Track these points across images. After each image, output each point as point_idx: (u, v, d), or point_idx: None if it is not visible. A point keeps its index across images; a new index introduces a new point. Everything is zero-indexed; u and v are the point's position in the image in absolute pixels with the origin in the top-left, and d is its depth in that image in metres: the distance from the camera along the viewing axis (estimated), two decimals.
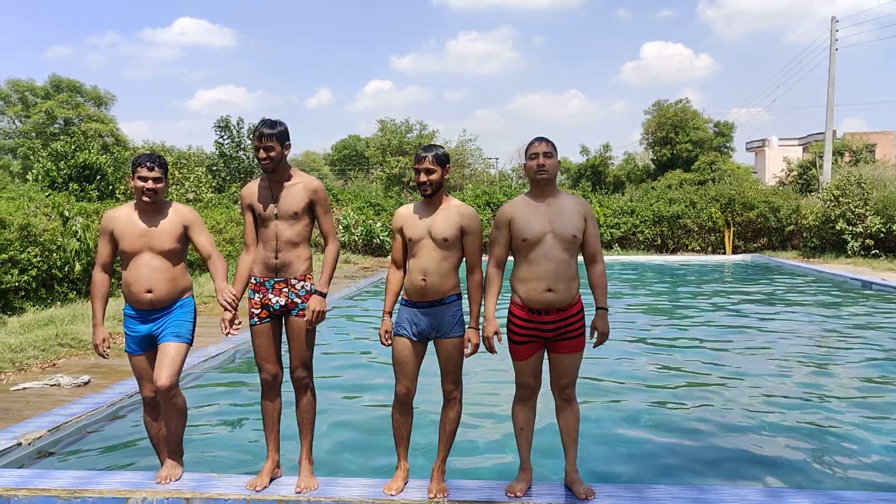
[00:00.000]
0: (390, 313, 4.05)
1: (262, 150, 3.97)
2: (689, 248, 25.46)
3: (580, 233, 3.80)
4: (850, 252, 21.03)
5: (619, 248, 25.46)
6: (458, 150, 45.37)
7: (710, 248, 25.33)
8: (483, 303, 3.93)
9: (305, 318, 3.99)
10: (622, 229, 25.76)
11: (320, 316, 3.98)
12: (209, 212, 19.50)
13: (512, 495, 3.85)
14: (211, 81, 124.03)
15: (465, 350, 3.94)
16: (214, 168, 28.63)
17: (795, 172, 34.39)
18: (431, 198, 3.93)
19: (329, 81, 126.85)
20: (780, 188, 29.54)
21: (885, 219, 20.46)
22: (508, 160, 60.48)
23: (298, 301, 4.02)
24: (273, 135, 3.96)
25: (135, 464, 4.90)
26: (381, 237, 25.07)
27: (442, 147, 3.98)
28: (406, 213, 4.01)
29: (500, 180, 42.25)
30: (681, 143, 42.10)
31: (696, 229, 25.41)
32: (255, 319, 4.07)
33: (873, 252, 20.61)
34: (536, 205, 3.83)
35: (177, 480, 4.09)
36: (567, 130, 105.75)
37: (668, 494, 3.88)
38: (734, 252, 24.71)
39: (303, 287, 4.03)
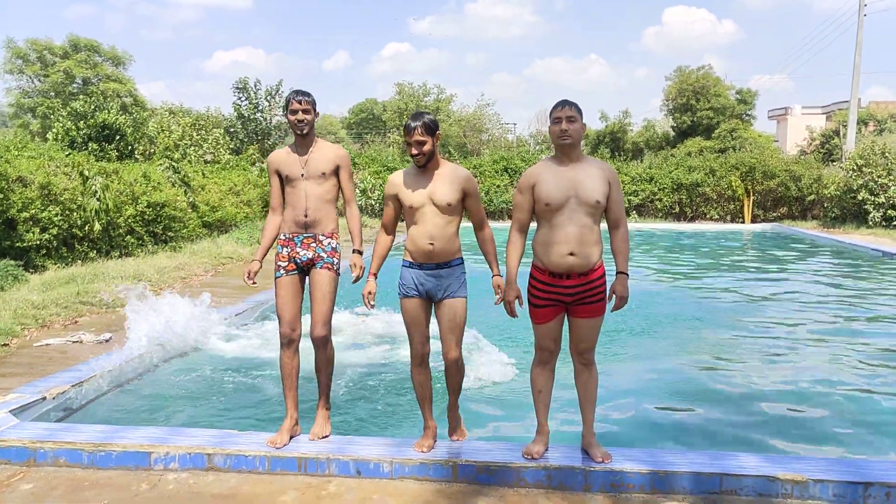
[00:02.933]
0: (376, 275, 4.17)
1: (300, 112, 4.16)
2: (708, 216, 25.24)
3: (604, 198, 3.76)
4: (871, 223, 20.77)
5: (636, 216, 25.28)
6: (476, 114, 45.07)
7: (729, 217, 25.10)
8: (505, 266, 3.94)
9: (353, 275, 4.25)
10: (640, 196, 25.56)
11: (363, 272, 4.27)
12: (227, 173, 19.54)
13: (529, 457, 3.89)
14: (229, 43, 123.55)
15: (496, 297, 4.01)
16: (232, 130, 28.54)
17: (818, 141, 33.88)
18: (426, 167, 3.98)
19: (346, 44, 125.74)
20: (802, 157, 29.10)
21: None
22: (527, 125, 59.96)
23: (324, 255, 4.21)
24: (311, 101, 4.21)
25: (157, 420, 4.99)
26: None
27: (428, 113, 4.00)
28: (401, 181, 4.06)
29: (518, 146, 41.93)
30: (702, 110, 41.44)
31: (716, 197, 25.16)
32: (282, 272, 4.24)
33: (895, 223, 20.34)
34: (560, 169, 3.79)
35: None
36: (587, 96, 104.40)
37: (684, 459, 3.90)
38: (753, 221, 24.48)
39: (329, 244, 4.23)
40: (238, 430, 4.36)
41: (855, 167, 21.67)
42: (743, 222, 24.49)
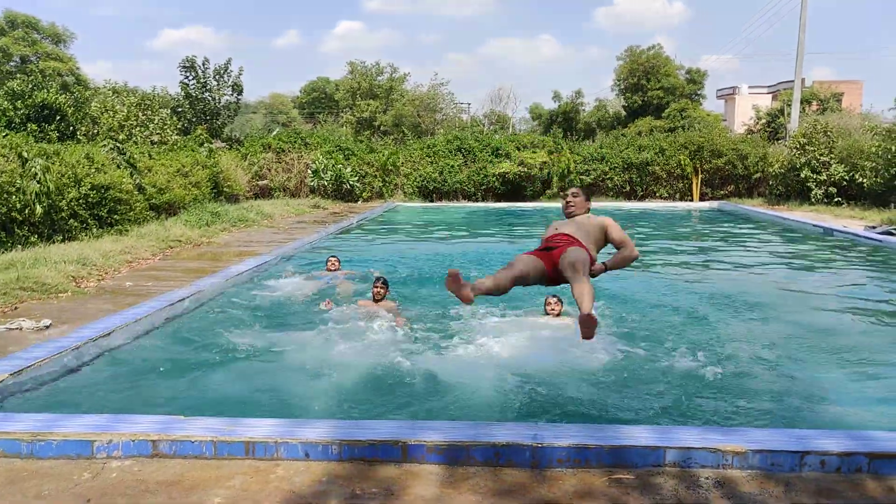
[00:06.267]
0: None
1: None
2: (658, 195, 25.64)
3: (594, 245, 5.35)
4: (813, 200, 21.34)
5: None
6: (430, 94, 44.84)
7: (678, 196, 25.54)
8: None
9: None
10: (592, 176, 25.80)
11: None
12: (175, 154, 19.09)
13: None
14: (177, 21, 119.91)
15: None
16: (180, 110, 27.79)
17: (764, 120, 34.56)
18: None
19: (298, 21, 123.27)
20: (749, 136, 29.71)
21: (849, 167, 20.74)
22: (481, 105, 59.86)
23: None
24: None
25: (99, 407, 4.87)
26: (351, 182, 24.80)
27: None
28: None
29: (472, 126, 41.89)
30: (652, 89, 42.02)
31: (665, 176, 25.56)
32: None
33: (836, 200, 20.93)
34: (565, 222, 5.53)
35: None
36: (540, 76, 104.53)
37: (629, 433, 3.98)
38: (702, 199, 24.96)
39: None
40: (184, 416, 4.29)
41: (798, 146, 22.21)
42: (692, 200, 24.95)
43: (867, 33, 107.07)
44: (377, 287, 7.83)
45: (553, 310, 7.29)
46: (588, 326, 4.52)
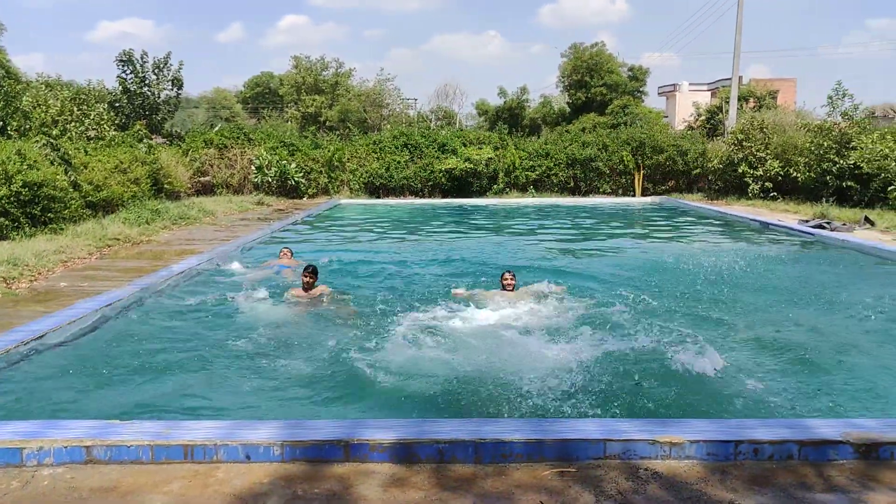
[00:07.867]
0: None
1: None
2: (601, 190, 26.02)
3: None
4: (750, 194, 21.96)
5: (533, 191, 25.78)
6: (376, 89, 44.64)
7: (620, 191, 25.97)
8: None
9: None
10: (537, 172, 26.03)
11: None
12: (112, 150, 18.55)
13: None
14: (115, 12, 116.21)
15: None
16: (117, 104, 27.00)
17: (704, 117, 35.37)
18: None
19: (241, 15, 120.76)
20: (689, 132, 30.39)
21: (783, 162, 21.40)
22: (427, 101, 59.80)
23: None
24: None
25: (29, 413, 4.71)
26: (296, 178, 24.48)
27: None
28: None
29: (419, 121, 41.85)
30: (595, 86, 42.66)
31: (608, 172, 25.96)
32: None
33: (772, 195, 21.59)
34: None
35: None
36: (486, 72, 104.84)
37: (569, 427, 4.03)
38: (644, 194, 25.43)
39: None
40: (119, 420, 4.18)
41: (736, 141, 22.84)
42: (634, 196, 25.41)
43: (800, 32, 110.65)
44: (306, 276, 8.01)
45: (509, 284, 8.06)
46: None
